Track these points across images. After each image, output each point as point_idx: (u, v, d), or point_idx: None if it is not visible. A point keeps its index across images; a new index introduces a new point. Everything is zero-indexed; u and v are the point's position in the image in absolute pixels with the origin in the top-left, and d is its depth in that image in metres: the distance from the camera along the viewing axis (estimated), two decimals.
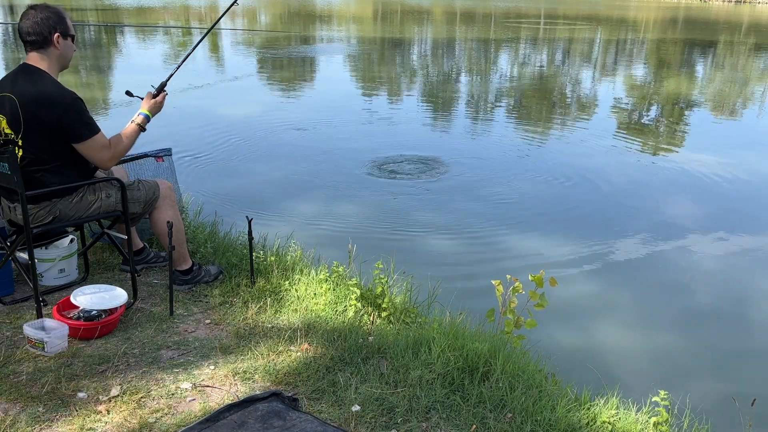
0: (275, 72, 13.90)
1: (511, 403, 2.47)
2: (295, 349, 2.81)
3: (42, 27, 2.82)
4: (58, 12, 2.88)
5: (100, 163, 3.00)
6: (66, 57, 2.94)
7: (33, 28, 2.82)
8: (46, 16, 2.84)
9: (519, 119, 10.16)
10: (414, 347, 2.79)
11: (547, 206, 5.92)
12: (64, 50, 2.91)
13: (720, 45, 22.84)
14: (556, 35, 24.37)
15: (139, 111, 3.13)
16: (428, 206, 5.78)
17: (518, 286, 3.09)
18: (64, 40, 2.89)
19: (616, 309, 4.28)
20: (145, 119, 3.12)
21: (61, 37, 2.87)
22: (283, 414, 2.33)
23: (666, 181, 6.84)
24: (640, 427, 2.50)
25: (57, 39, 2.86)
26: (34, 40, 2.83)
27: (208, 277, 3.43)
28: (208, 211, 4.72)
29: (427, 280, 3.73)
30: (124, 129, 3.07)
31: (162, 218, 3.18)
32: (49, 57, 2.87)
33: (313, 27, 24.50)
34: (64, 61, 2.94)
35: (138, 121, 3.09)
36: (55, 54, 2.88)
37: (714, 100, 12.32)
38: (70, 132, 2.85)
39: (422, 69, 15.40)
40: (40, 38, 2.83)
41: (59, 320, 2.80)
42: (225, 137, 7.90)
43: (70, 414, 2.33)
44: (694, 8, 45.37)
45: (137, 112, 3.13)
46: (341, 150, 7.51)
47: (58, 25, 2.86)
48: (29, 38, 2.84)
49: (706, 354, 3.86)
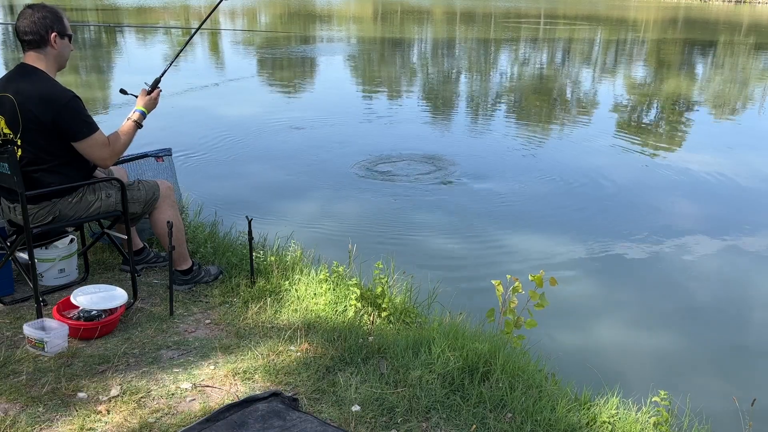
0: (275, 72, 13.90)
1: (511, 403, 2.47)
2: (295, 349, 2.81)
3: (39, 26, 2.83)
4: (55, 12, 2.88)
5: (99, 162, 3.00)
6: (63, 56, 2.94)
7: (30, 27, 2.82)
8: (43, 16, 2.84)
9: (519, 119, 10.16)
10: (414, 347, 2.79)
11: (547, 206, 5.92)
12: (62, 50, 2.91)
13: (720, 45, 22.84)
14: (556, 35, 24.37)
15: (135, 108, 3.14)
16: (428, 206, 5.78)
17: (518, 286, 3.09)
18: (62, 40, 2.89)
19: (616, 309, 4.28)
20: (141, 116, 3.13)
21: (58, 36, 2.87)
22: (283, 414, 2.33)
23: (666, 181, 6.84)
24: (640, 427, 2.50)
25: (54, 39, 2.86)
26: (32, 39, 2.84)
27: (208, 277, 3.43)
28: (208, 211, 4.72)
29: (427, 280, 3.73)
30: (120, 127, 3.07)
31: (162, 218, 3.18)
32: (46, 56, 2.87)
33: (312, 27, 24.49)
34: (61, 60, 2.94)
35: (134, 118, 3.10)
36: (52, 53, 2.88)
37: (714, 100, 12.32)
38: (69, 131, 2.85)
39: (422, 69, 15.40)
40: (37, 38, 2.84)
41: (59, 320, 2.80)
42: (225, 137, 7.90)
43: (70, 414, 2.33)
44: (694, 8, 45.37)
45: (133, 109, 3.14)
46: (341, 150, 7.51)
47: (55, 25, 2.86)
48: (26, 38, 2.84)
49: (706, 354, 3.86)
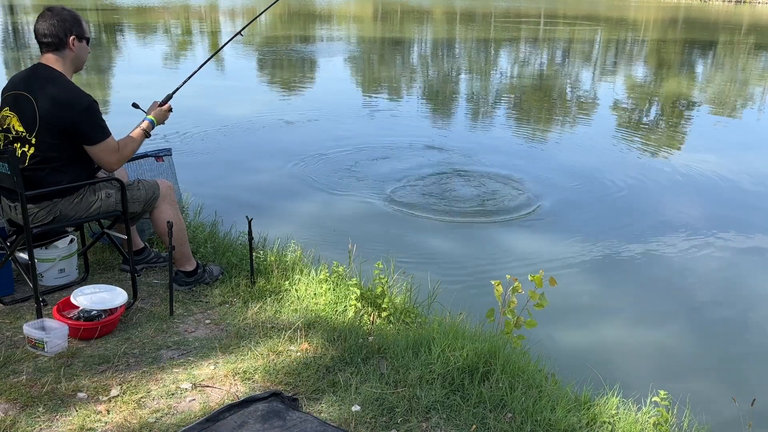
0: (275, 72, 13.90)
1: (511, 403, 2.48)
2: (295, 349, 2.82)
3: (58, 29, 2.86)
4: (74, 15, 2.93)
5: (106, 166, 3.05)
6: (81, 59, 2.98)
7: (49, 30, 2.86)
8: (63, 19, 2.88)
9: (518, 119, 10.16)
10: (414, 347, 2.79)
11: (547, 206, 5.92)
12: (79, 53, 2.95)
13: (720, 45, 22.83)
14: (556, 35, 24.37)
15: (145, 116, 3.20)
16: (428, 206, 5.78)
17: (518, 286, 3.10)
18: (80, 43, 2.93)
19: (616, 309, 4.28)
20: (150, 124, 3.19)
21: (76, 39, 2.91)
22: (283, 414, 2.33)
23: (666, 180, 6.84)
24: (640, 427, 2.50)
25: (73, 41, 2.90)
26: (50, 41, 2.87)
27: (209, 278, 3.43)
28: (208, 211, 4.72)
29: (427, 280, 3.73)
30: (130, 132, 3.13)
31: (162, 218, 3.18)
32: (64, 59, 2.91)
33: (312, 27, 24.49)
34: (78, 63, 2.98)
35: (144, 126, 3.16)
36: (70, 56, 2.92)
37: (714, 100, 12.32)
38: (86, 135, 2.89)
39: (422, 68, 15.40)
40: (56, 40, 2.87)
41: (59, 320, 2.80)
42: (225, 137, 7.90)
43: (70, 414, 2.33)
44: (694, 8, 45.36)
45: (143, 117, 3.20)
46: (341, 149, 7.50)
47: (74, 28, 2.90)
48: (45, 39, 2.87)
49: (706, 354, 3.86)
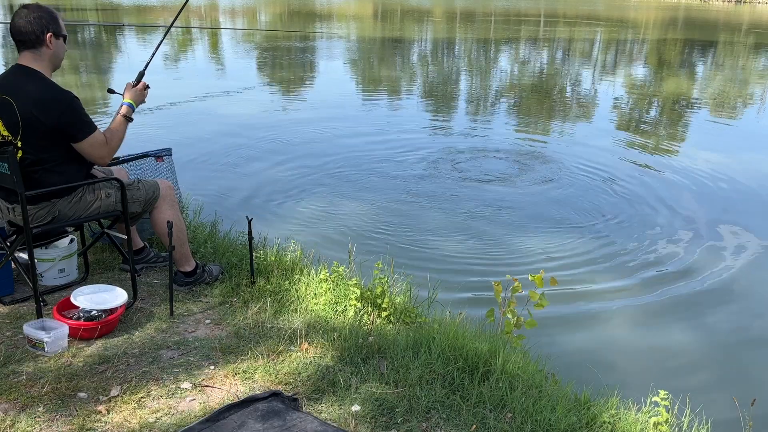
0: (275, 71, 13.90)
1: (511, 403, 2.47)
2: (295, 349, 2.82)
3: (35, 26, 2.82)
4: (50, 12, 2.88)
5: (98, 160, 3.00)
6: (58, 57, 2.93)
7: (26, 27, 2.81)
8: (39, 16, 2.83)
9: (518, 119, 10.16)
10: (414, 347, 2.79)
11: (547, 206, 5.92)
12: (57, 50, 2.91)
13: (720, 45, 22.83)
14: (556, 35, 24.36)
15: (122, 101, 3.12)
16: (428, 206, 5.78)
17: (518, 286, 3.10)
18: (57, 40, 2.89)
19: (616, 309, 4.28)
20: (129, 108, 3.11)
21: (53, 36, 2.86)
22: (283, 414, 2.33)
23: (666, 180, 6.84)
24: (640, 427, 2.50)
25: (50, 39, 2.85)
26: (27, 39, 2.83)
27: (209, 278, 3.43)
28: (208, 211, 4.72)
29: (427, 280, 3.73)
30: (112, 123, 3.06)
31: (162, 218, 3.18)
32: (41, 57, 2.87)
33: (312, 26, 24.48)
34: (56, 61, 2.93)
35: (123, 111, 3.08)
36: (47, 54, 2.88)
37: (714, 100, 12.32)
38: (71, 132, 2.85)
39: (422, 68, 15.39)
40: (32, 38, 2.83)
41: (59, 320, 2.80)
42: (225, 137, 7.89)
43: (70, 414, 2.33)
44: (694, 8, 45.36)
45: (121, 103, 3.12)
46: (341, 149, 7.50)
47: (51, 25, 2.85)
48: (22, 38, 2.83)
49: (706, 354, 3.86)
